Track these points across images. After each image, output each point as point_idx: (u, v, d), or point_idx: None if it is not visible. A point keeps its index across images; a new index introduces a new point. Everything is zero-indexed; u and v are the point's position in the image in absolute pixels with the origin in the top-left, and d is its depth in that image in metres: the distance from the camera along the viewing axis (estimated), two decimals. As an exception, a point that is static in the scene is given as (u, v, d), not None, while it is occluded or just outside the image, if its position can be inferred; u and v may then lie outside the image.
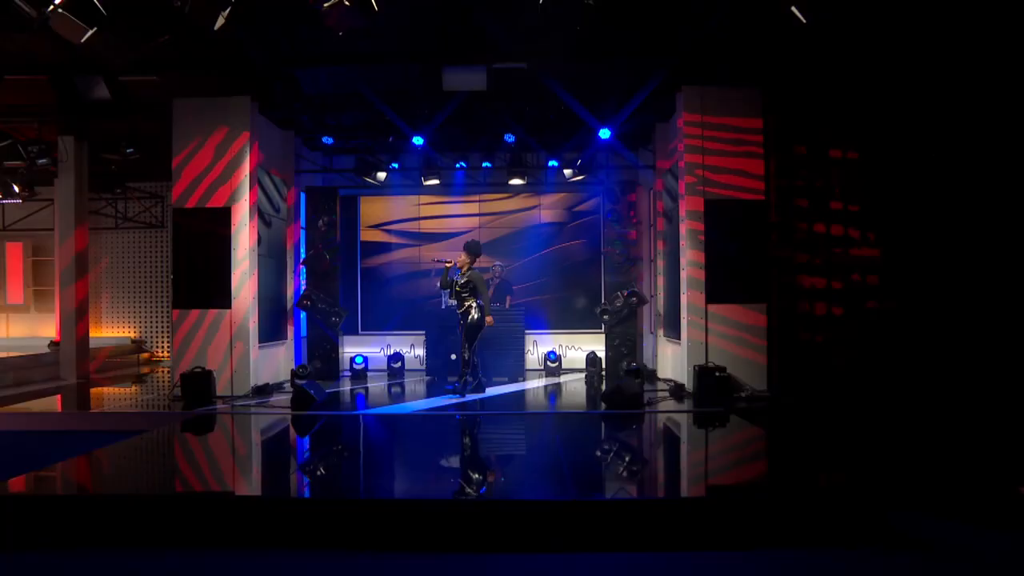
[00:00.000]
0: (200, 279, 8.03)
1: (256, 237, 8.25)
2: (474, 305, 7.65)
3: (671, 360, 9.09)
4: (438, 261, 8.02)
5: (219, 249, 7.99)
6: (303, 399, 7.15)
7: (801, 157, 7.73)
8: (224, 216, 7.98)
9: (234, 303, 7.97)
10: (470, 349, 7.82)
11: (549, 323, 10.70)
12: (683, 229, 8.08)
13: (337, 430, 6.50)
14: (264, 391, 8.19)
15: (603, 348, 9.90)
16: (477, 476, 4.79)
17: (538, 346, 10.55)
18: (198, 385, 7.54)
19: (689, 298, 7.99)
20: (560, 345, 10.51)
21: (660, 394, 7.95)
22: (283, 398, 7.74)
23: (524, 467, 5.18)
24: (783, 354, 7.77)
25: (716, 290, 7.88)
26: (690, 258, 7.99)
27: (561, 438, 5.98)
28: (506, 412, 7.24)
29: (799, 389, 7.62)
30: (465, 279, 7.67)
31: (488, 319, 7.69)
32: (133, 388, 9.32)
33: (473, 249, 7.82)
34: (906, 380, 7.17)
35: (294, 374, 8.23)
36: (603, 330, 9.96)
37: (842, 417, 6.61)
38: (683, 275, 8.11)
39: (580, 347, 10.47)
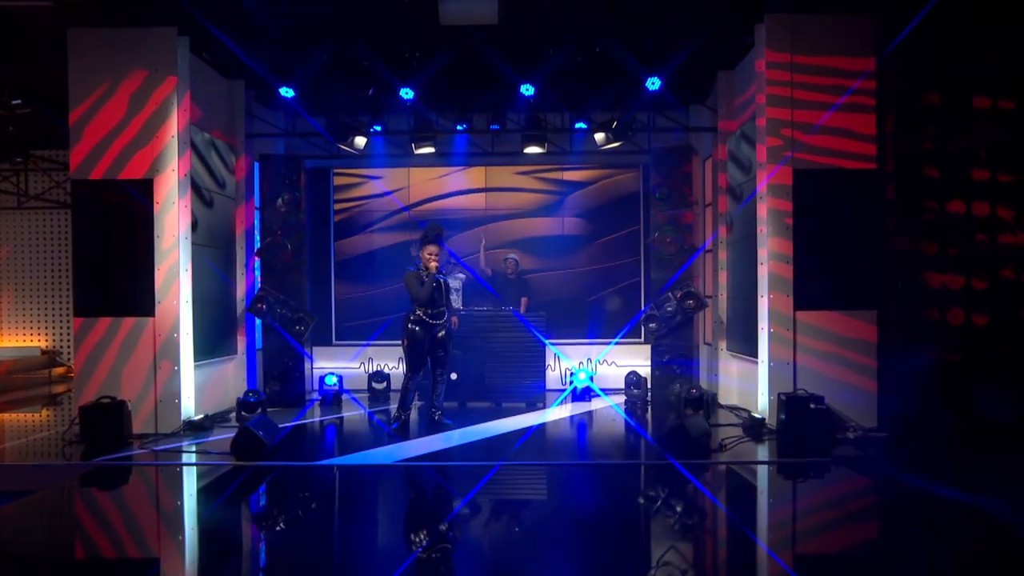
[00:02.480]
0: (111, 277, 6.53)
1: (190, 220, 6.77)
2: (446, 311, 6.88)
3: (738, 381, 7.71)
4: (424, 273, 6.57)
5: (138, 236, 6.50)
6: (250, 444, 5.66)
7: (932, 109, 6.22)
8: (144, 191, 6.47)
9: (159, 309, 6.48)
10: (446, 369, 7.02)
11: (575, 331, 9.28)
12: (762, 210, 6.66)
13: (294, 495, 5.06)
14: (201, 427, 6.67)
15: (646, 364, 8.45)
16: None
17: (560, 361, 9.09)
18: (105, 422, 6.06)
19: (771, 302, 6.57)
20: (590, 359, 9.06)
21: (730, 429, 6.52)
22: (226, 437, 6.25)
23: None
24: (901, 379, 6.33)
25: (808, 292, 6.51)
26: (772, 249, 6.56)
27: (614, 513, 4.51)
28: (529, 463, 5.77)
29: (922, 427, 6.16)
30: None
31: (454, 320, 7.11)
32: (31, 416, 7.83)
33: (439, 232, 6.70)
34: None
35: (240, 405, 6.76)
36: (645, 340, 8.53)
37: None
38: (762, 271, 6.69)
39: (616, 362, 9.03)
